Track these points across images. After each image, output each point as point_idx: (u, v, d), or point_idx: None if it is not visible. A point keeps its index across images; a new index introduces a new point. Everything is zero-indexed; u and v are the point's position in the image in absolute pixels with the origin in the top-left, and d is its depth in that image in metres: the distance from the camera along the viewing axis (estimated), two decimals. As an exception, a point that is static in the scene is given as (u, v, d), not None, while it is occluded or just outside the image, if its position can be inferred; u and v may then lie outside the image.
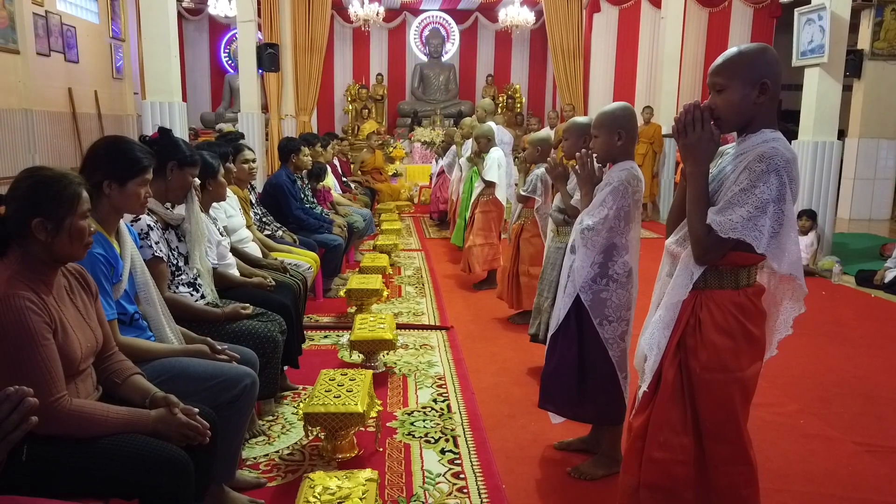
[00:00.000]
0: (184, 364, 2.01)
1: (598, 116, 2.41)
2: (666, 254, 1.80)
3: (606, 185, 2.32)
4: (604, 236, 2.28)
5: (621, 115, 2.38)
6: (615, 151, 2.38)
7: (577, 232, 2.33)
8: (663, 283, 1.77)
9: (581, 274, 2.32)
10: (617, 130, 2.35)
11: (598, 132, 2.39)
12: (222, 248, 2.91)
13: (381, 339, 3.25)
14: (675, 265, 1.72)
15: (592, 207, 2.31)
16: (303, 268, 3.87)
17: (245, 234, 3.48)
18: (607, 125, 2.36)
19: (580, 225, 2.32)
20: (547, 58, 14.60)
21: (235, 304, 2.58)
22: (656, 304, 1.79)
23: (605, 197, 2.28)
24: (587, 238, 2.29)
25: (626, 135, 2.36)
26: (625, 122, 2.37)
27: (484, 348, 3.90)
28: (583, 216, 2.34)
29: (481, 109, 6.10)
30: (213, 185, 2.89)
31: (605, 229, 2.27)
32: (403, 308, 4.69)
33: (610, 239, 2.30)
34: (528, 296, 4.22)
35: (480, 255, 5.23)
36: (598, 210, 2.28)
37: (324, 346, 3.86)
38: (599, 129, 2.38)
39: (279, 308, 2.91)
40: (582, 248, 2.31)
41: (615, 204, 2.27)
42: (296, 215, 4.73)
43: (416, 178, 11.80)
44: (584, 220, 2.31)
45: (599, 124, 2.39)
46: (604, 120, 2.38)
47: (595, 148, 2.42)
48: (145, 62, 5.61)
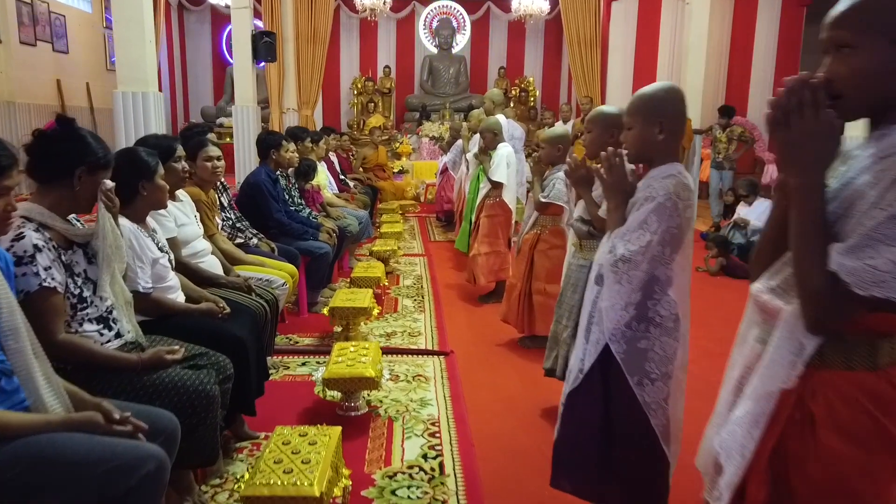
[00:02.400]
0: (58, 445, 1.44)
1: (634, 101, 1.81)
2: (753, 307, 1.19)
3: (647, 199, 1.71)
4: (644, 269, 1.68)
5: (665, 98, 1.78)
6: (654, 149, 1.78)
7: (608, 261, 1.72)
8: (750, 352, 1.17)
9: (611, 317, 1.72)
10: (658, 120, 1.75)
11: (632, 121, 1.79)
12: (160, 266, 2.34)
13: (362, 376, 2.67)
14: (768, 326, 1.12)
15: (629, 230, 1.71)
16: (275, 284, 3.30)
17: (201, 245, 2.91)
18: (645, 112, 1.76)
19: (612, 253, 1.71)
20: (562, 49, 13.94)
21: (160, 345, 2.00)
22: (734, 385, 1.19)
23: (647, 216, 1.68)
24: (622, 272, 1.69)
25: (669, 126, 1.76)
26: (670, 109, 1.77)
27: (487, 379, 3.31)
28: (614, 240, 1.73)
29: (489, 100, 5.50)
30: (149, 189, 2.32)
31: (646, 259, 1.67)
32: (398, 326, 4.11)
33: (651, 271, 1.70)
34: (543, 318, 3.62)
35: (486, 264, 4.64)
36: (637, 234, 1.68)
37: (300, 376, 3.28)
38: (634, 116, 1.79)
39: (231, 343, 2.34)
40: (614, 285, 1.71)
41: (660, 226, 1.67)
42: (277, 219, 4.16)
43: (422, 175, 11.21)
44: (617, 246, 1.71)
45: (635, 111, 1.79)
46: (641, 105, 1.78)
47: (627, 143, 1.82)
48: (117, 48, 5.04)
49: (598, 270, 1.82)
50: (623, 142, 1.83)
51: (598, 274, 1.80)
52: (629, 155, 1.82)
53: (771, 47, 11.30)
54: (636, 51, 11.85)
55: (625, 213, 1.78)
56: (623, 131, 2.58)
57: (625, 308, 1.70)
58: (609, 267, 1.71)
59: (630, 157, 1.82)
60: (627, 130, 1.82)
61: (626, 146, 1.81)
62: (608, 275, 1.72)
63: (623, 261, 1.67)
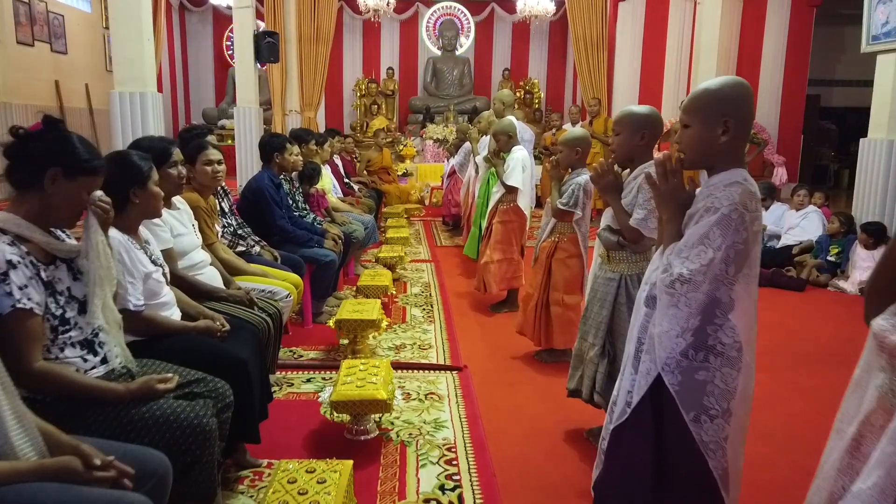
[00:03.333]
0: (26, 499, 1.23)
1: (697, 96, 1.60)
2: (876, 348, 0.98)
3: (709, 210, 1.50)
4: (705, 290, 1.47)
5: (732, 95, 1.57)
6: (716, 153, 1.57)
7: (662, 282, 1.51)
8: (873, 404, 0.96)
9: (665, 344, 1.51)
10: (722, 119, 1.54)
11: (691, 120, 1.58)
12: (153, 281, 2.13)
13: (373, 399, 2.46)
14: (895, 371, 0.91)
15: (687, 245, 1.50)
16: (278, 296, 3.09)
17: (200, 257, 2.70)
18: (708, 110, 1.56)
19: (668, 273, 1.50)
20: (567, 50, 13.76)
21: (152, 372, 1.80)
22: (849, 442, 0.98)
23: (709, 230, 1.47)
24: (679, 294, 1.48)
25: (735, 127, 1.55)
26: (737, 108, 1.56)
27: (505, 398, 3.10)
28: (670, 257, 1.52)
29: (499, 102, 5.29)
30: (141, 197, 2.12)
31: (707, 279, 1.46)
32: (407, 338, 3.90)
33: (713, 293, 1.49)
34: (562, 331, 3.42)
35: (498, 272, 4.43)
36: (698, 250, 1.47)
37: (305, 393, 3.07)
38: (694, 115, 1.58)
39: (232, 365, 2.13)
40: (669, 308, 1.50)
41: (725, 241, 1.46)
42: (280, 226, 3.96)
43: (427, 177, 11.01)
44: (674, 264, 1.50)
45: (696, 108, 1.58)
46: (704, 102, 1.58)
47: (683, 145, 1.61)
48: (113, 47, 4.84)
49: (648, 291, 1.61)
50: (678, 143, 1.62)
51: (650, 295, 1.60)
52: (686, 159, 1.61)
53: (780, 49, 11.12)
54: (643, 52, 11.65)
55: (681, 227, 1.57)
56: (646, 134, 2.41)
57: (681, 335, 1.49)
58: (664, 288, 1.50)
59: (686, 161, 1.61)
60: (684, 129, 1.61)
61: (682, 148, 1.60)
62: (662, 297, 1.51)
63: (681, 281, 1.46)
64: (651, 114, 2.44)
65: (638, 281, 2.48)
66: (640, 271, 2.48)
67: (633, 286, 2.47)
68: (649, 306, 1.59)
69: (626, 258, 2.50)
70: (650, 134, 2.42)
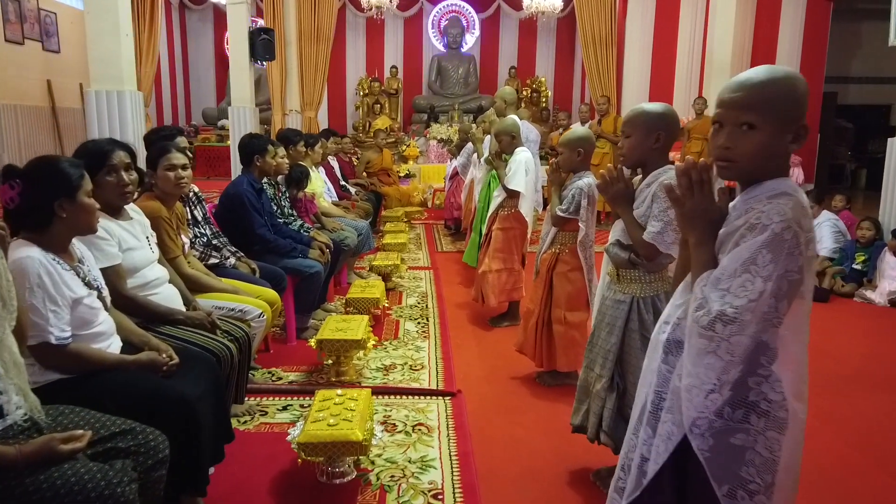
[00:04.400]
0: None
1: (752, 91, 1.24)
2: None
3: (753, 228, 1.17)
4: (751, 332, 1.14)
5: (798, 91, 1.23)
6: (773, 160, 1.24)
7: (698, 322, 1.18)
8: None
9: (696, 401, 1.18)
10: (797, 124, 1.22)
11: (758, 119, 1.23)
12: (84, 308, 1.82)
13: (346, 441, 2.13)
14: None
15: (728, 274, 1.16)
16: (249, 316, 2.78)
17: (154, 273, 2.39)
18: (782, 111, 1.22)
19: (704, 310, 1.17)
20: (575, 48, 13.41)
21: (64, 421, 1.49)
22: None
23: (756, 254, 1.14)
24: (720, 337, 1.14)
25: (797, 131, 1.22)
26: (800, 106, 1.23)
27: (502, 430, 2.77)
28: (705, 290, 1.19)
29: (501, 100, 4.96)
30: (69, 210, 1.81)
31: (755, 318, 1.13)
32: (398, 357, 3.58)
33: (759, 335, 1.16)
34: (565, 352, 3.09)
35: (497, 283, 4.10)
36: (743, 281, 1.14)
37: (279, 424, 2.76)
38: (765, 114, 1.22)
39: (175, 406, 1.82)
40: (704, 356, 1.17)
41: (776, 268, 1.13)
42: (259, 234, 3.65)
43: (430, 179, 10.69)
44: (712, 299, 1.16)
45: (747, 103, 1.23)
46: (757, 93, 1.23)
47: (739, 151, 1.26)
48: (88, 42, 4.56)
49: (670, 333, 1.28)
50: (717, 147, 1.27)
51: (672, 339, 1.27)
52: (739, 167, 1.26)
53: (796, 44, 10.74)
54: (654, 48, 11.30)
55: (714, 250, 1.24)
56: (663, 136, 2.08)
57: (717, 389, 1.16)
58: (700, 330, 1.16)
59: (739, 170, 1.26)
60: (718, 130, 1.26)
61: (739, 154, 1.24)
62: (695, 341, 1.17)
63: (723, 321, 1.13)
64: (666, 112, 2.11)
65: (652, 304, 2.15)
66: (654, 293, 2.15)
67: (647, 310, 2.15)
68: (672, 353, 1.26)
69: (639, 278, 2.17)
70: (666, 135, 2.09)
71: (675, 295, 1.34)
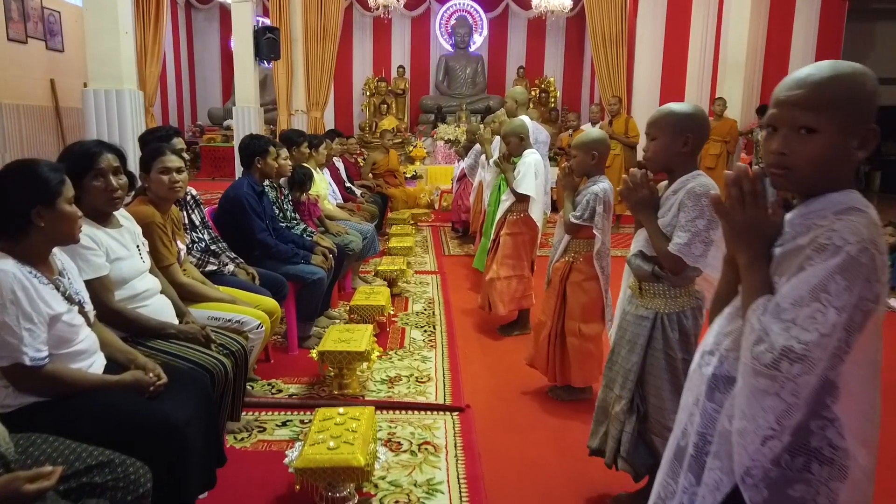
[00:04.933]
0: None
1: (802, 85, 1.08)
2: None
3: (821, 249, 1.00)
4: (819, 371, 0.97)
5: (855, 85, 1.07)
6: (840, 169, 1.08)
7: (760, 359, 1.00)
8: None
9: (750, 447, 1.01)
10: (864, 128, 1.06)
11: (821, 122, 1.06)
12: (63, 325, 1.68)
13: (347, 466, 1.99)
14: None
15: (794, 302, 0.99)
16: (247, 327, 2.64)
17: (145, 284, 2.25)
18: (832, 107, 1.06)
19: (765, 344, 1.00)
20: (584, 47, 13.24)
21: (38, 457, 1.35)
22: None
23: (828, 279, 0.97)
24: (785, 377, 0.97)
25: (871, 139, 1.06)
26: (868, 104, 1.07)
27: (513, 449, 2.62)
28: (765, 320, 1.02)
29: (511, 99, 4.81)
30: (48, 218, 1.67)
31: (827, 354, 0.97)
32: (404, 368, 3.43)
33: (826, 373, 0.99)
34: (580, 366, 2.94)
35: (506, 290, 3.95)
36: (812, 311, 0.96)
37: (277, 442, 2.61)
38: (807, 112, 1.07)
39: (161, 431, 1.68)
40: (765, 397, 1.00)
41: (851, 297, 0.96)
42: (260, 239, 3.50)
43: (437, 180, 10.54)
44: (774, 331, 0.99)
45: (807, 103, 1.07)
46: (819, 92, 1.07)
47: (787, 158, 1.10)
48: (87, 40, 4.43)
49: (716, 367, 1.12)
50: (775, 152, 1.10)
51: (720, 374, 1.11)
52: (802, 177, 1.09)
53: (810, 44, 10.53)
54: (665, 48, 11.13)
55: (769, 272, 1.08)
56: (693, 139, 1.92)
57: (777, 434, 1.00)
58: (761, 368, 0.99)
59: (800, 180, 1.10)
60: (770, 135, 1.10)
61: (801, 161, 1.07)
62: (754, 380, 1.00)
63: (791, 359, 0.96)
64: (696, 113, 1.95)
65: (678, 321, 1.99)
66: (680, 309, 2.00)
67: (672, 328, 1.99)
68: (720, 389, 1.10)
69: (663, 292, 2.01)
70: (695, 138, 1.93)
71: (721, 321, 1.18)
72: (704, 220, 1.88)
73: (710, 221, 1.89)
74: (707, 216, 1.88)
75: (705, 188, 1.90)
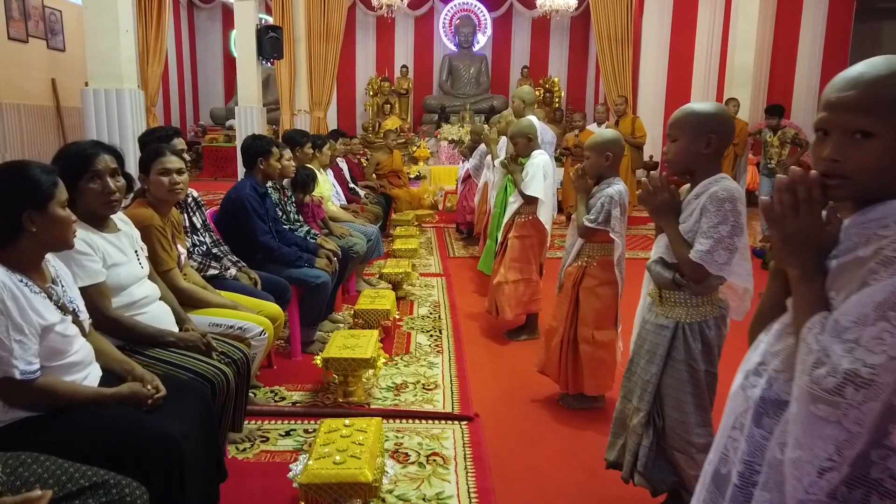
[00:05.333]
0: None
1: (854, 85, 0.99)
2: None
3: (888, 264, 0.90)
4: (884, 396, 0.88)
5: None
6: None
7: (820, 384, 0.91)
8: None
9: (807, 479, 0.91)
10: None
11: (877, 125, 0.96)
12: (55, 336, 1.60)
13: (353, 482, 1.90)
14: None
15: (857, 321, 0.89)
16: (249, 334, 2.55)
17: (143, 291, 2.17)
18: (889, 108, 0.95)
19: (825, 367, 0.90)
20: (588, 47, 13.16)
21: (28, 478, 1.26)
22: None
23: (894, 294, 0.88)
24: (848, 403, 0.88)
25: None
26: None
27: (525, 461, 2.53)
28: (823, 340, 0.92)
29: (518, 99, 4.72)
30: (40, 223, 1.59)
31: (893, 378, 0.88)
32: (410, 375, 3.34)
33: (891, 398, 0.90)
34: (593, 375, 2.85)
35: (514, 295, 3.85)
36: (879, 331, 0.86)
37: (281, 452, 2.53)
38: (861, 115, 0.97)
39: (158, 446, 1.59)
40: (825, 425, 0.90)
41: None
42: (263, 242, 3.42)
43: (441, 180, 10.46)
44: (834, 352, 0.89)
45: (861, 105, 0.97)
46: (874, 92, 0.97)
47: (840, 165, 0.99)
48: (86, 39, 4.36)
49: (763, 388, 1.03)
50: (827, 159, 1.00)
51: (768, 397, 1.02)
52: (860, 182, 0.99)
53: (818, 43, 10.44)
54: (671, 47, 11.04)
55: (824, 287, 0.99)
56: (717, 140, 1.83)
57: (837, 466, 0.90)
58: (822, 394, 0.89)
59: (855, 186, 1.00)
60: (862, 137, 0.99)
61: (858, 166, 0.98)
62: (813, 407, 0.91)
63: (856, 384, 0.86)
64: (719, 113, 1.86)
65: (700, 331, 1.90)
66: (702, 318, 1.91)
67: (694, 338, 1.90)
68: (769, 414, 1.01)
69: (685, 300, 1.92)
70: (718, 139, 1.84)
71: (768, 339, 1.09)
72: (728, 226, 1.79)
73: (734, 227, 1.80)
74: (731, 222, 1.79)
75: (729, 192, 1.81)
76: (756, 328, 1.16)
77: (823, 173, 1.00)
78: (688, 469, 1.92)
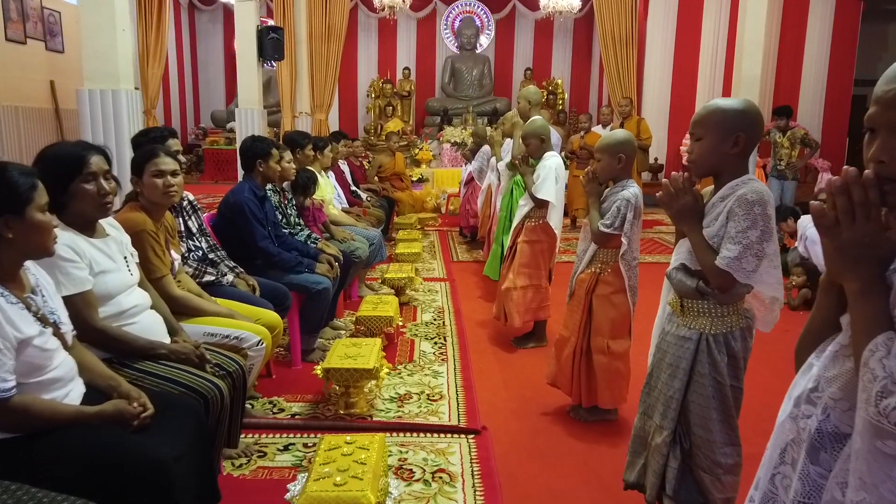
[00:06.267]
0: None
1: None
2: None
3: None
4: None
5: None
6: None
7: (881, 412, 0.78)
8: None
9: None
10: None
11: None
12: (34, 350, 1.47)
13: (355, 503, 1.78)
14: None
15: None
16: (246, 343, 2.43)
17: (133, 300, 2.04)
18: None
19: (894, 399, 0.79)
20: (592, 49, 13.06)
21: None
22: None
23: None
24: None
25: None
26: None
27: (536, 479, 2.40)
28: (889, 364, 0.81)
29: (524, 100, 4.58)
30: (17, 229, 1.47)
31: None
32: (414, 385, 3.22)
33: None
34: (608, 386, 2.72)
35: (522, 301, 3.73)
36: None
37: (279, 468, 2.41)
38: None
39: (145, 469, 1.47)
40: (889, 463, 0.79)
41: None
42: (262, 247, 3.30)
43: (444, 183, 10.35)
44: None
45: None
46: None
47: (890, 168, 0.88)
48: (83, 38, 4.25)
49: (820, 420, 0.91)
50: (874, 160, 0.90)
51: (828, 430, 0.90)
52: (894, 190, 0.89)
53: (824, 45, 10.33)
54: (676, 48, 10.92)
55: (887, 305, 0.87)
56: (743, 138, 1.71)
57: None
58: (890, 428, 0.78)
59: (893, 193, 0.90)
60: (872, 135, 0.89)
61: (887, 172, 0.88)
62: (879, 442, 0.79)
63: None
64: (748, 110, 1.74)
65: (725, 343, 1.78)
66: (727, 329, 1.78)
67: (720, 350, 1.77)
68: (827, 449, 0.89)
69: (708, 310, 1.79)
70: (746, 138, 1.72)
71: (822, 362, 0.97)
72: (757, 231, 1.67)
73: (764, 232, 1.68)
74: (760, 226, 1.67)
75: (759, 195, 1.68)
76: (804, 349, 1.03)
77: (877, 175, 0.88)
78: (714, 491, 1.79)
